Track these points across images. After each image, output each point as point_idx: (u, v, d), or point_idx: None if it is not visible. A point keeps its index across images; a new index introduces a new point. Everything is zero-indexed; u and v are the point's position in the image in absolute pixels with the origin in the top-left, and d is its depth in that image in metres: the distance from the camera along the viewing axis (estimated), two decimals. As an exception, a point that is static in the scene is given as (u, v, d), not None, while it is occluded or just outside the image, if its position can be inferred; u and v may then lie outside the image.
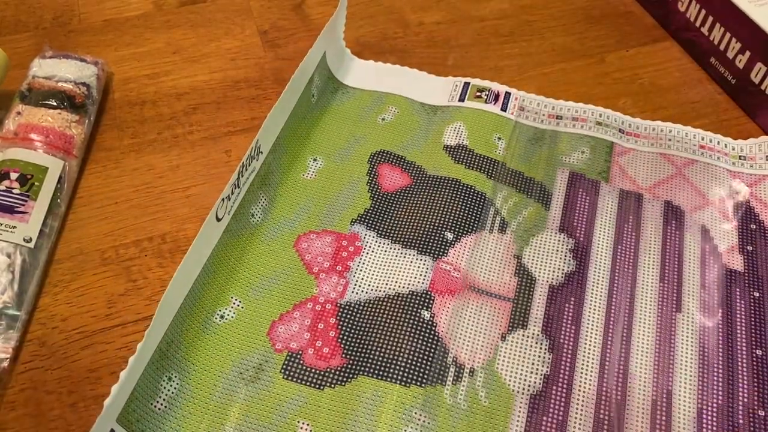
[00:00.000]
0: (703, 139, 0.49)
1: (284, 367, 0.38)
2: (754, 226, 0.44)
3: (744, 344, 0.39)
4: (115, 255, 0.43)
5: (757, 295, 0.41)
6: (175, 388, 0.36)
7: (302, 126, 0.49)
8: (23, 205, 0.42)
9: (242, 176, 0.42)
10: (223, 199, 0.40)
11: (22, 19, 0.58)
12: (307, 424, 0.36)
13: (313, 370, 0.38)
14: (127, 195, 0.46)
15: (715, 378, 0.38)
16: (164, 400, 0.36)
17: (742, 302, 0.41)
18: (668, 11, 0.57)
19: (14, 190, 0.43)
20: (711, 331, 0.40)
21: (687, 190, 0.46)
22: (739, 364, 0.38)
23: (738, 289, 0.41)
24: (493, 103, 0.50)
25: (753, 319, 0.40)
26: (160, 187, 0.47)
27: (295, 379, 0.37)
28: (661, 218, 0.44)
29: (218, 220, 0.40)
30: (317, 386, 0.37)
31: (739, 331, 0.40)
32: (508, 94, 0.51)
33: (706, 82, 0.54)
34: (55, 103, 0.47)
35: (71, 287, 0.42)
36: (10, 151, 0.44)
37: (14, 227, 0.41)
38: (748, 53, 0.50)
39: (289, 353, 0.38)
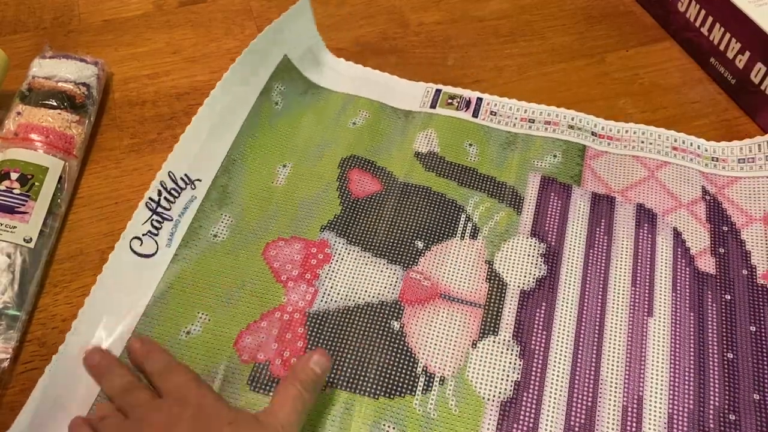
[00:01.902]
0: (675, 140, 0.49)
1: (251, 378, 0.37)
2: (726, 228, 0.44)
3: (715, 348, 0.39)
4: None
5: (729, 297, 0.41)
6: None
7: (267, 135, 0.48)
8: (23, 205, 0.42)
9: (164, 209, 0.42)
10: (139, 237, 0.40)
11: (22, 19, 0.58)
12: None
13: (279, 382, 0.36)
14: (127, 195, 0.46)
15: (687, 383, 0.38)
16: None
17: (714, 305, 0.41)
18: (668, 11, 0.57)
19: (14, 190, 0.43)
20: (682, 335, 0.40)
21: (659, 193, 0.46)
22: (711, 368, 0.38)
23: (710, 292, 0.41)
24: (464, 109, 0.50)
25: (724, 323, 0.40)
26: (160, 187, 0.47)
27: (262, 390, 0.37)
28: (633, 221, 0.44)
29: (146, 257, 0.40)
30: None
31: (710, 335, 0.40)
32: (479, 100, 0.51)
33: (706, 82, 0.54)
34: (55, 103, 0.47)
35: (71, 287, 0.42)
36: (10, 151, 0.44)
37: (14, 227, 0.41)
38: (748, 53, 0.50)
39: (256, 364, 0.38)
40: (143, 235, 0.41)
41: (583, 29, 0.58)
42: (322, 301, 0.40)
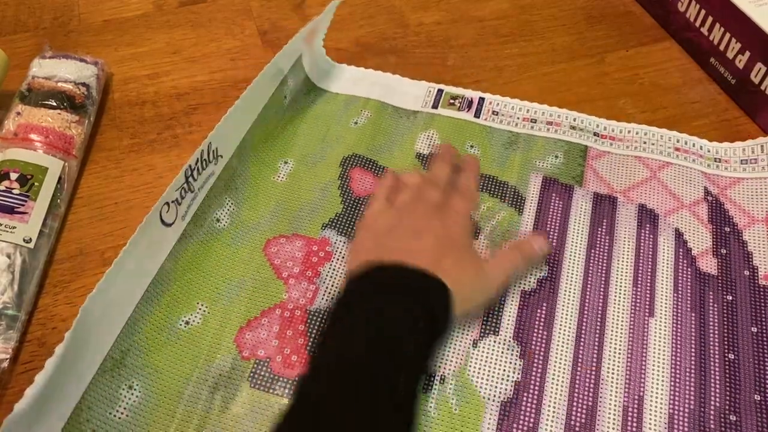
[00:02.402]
0: (678, 141, 0.49)
1: (251, 375, 0.37)
2: (728, 229, 0.44)
3: (716, 348, 0.39)
4: (115, 255, 0.43)
5: (730, 298, 0.41)
6: (137, 396, 0.36)
7: (273, 128, 0.48)
8: (23, 205, 0.42)
9: (193, 180, 0.41)
10: (168, 203, 0.39)
11: (22, 19, 0.58)
12: None
13: (281, 379, 0.37)
14: (127, 195, 0.46)
15: (687, 383, 0.38)
16: (125, 408, 0.36)
17: (715, 306, 0.41)
18: (668, 11, 0.57)
19: (14, 191, 0.43)
20: (684, 335, 0.39)
21: (661, 193, 0.46)
22: (712, 368, 0.38)
23: (711, 293, 0.41)
24: (466, 110, 0.51)
25: (726, 323, 0.40)
26: (160, 188, 0.47)
27: (262, 388, 0.37)
28: (635, 222, 0.44)
29: (167, 225, 0.39)
30: (285, 395, 0.37)
31: (711, 336, 0.40)
32: (481, 100, 0.51)
33: (706, 82, 0.54)
34: (54, 104, 0.47)
35: (71, 287, 0.42)
36: (10, 151, 0.44)
37: (14, 227, 0.41)
38: (748, 53, 0.50)
39: (257, 361, 0.38)
40: (171, 202, 0.39)
41: (583, 29, 0.58)
42: (323, 298, 0.40)
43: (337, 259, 0.42)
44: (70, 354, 0.33)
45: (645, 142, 0.48)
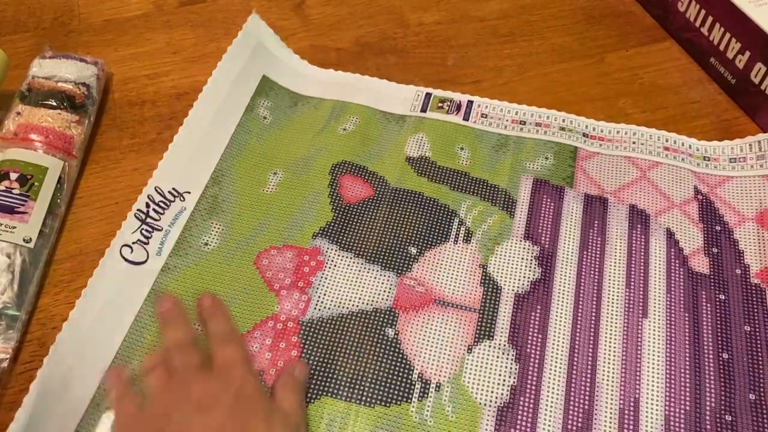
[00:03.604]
0: (667, 140, 0.49)
1: (272, 387, 0.37)
2: (719, 228, 0.44)
3: (710, 348, 0.39)
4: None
5: (723, 297, 0.41)
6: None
7: (257, 147, 0.48)
8: (23, 205, 0.42)
9: (154, 220, 0.43)
10: (130, 246, 0.41)
11: (22, 19, 0.58)
12: None
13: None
14: (127, 195, 0.46)
15: (682, 384, 0.38)
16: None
17: (708, 305, 0.41)
18: (668, 11, 0.57)
19: (14, 190, 0.43)
20: (677, 336, 0.40)
21: (652, 193, 0.46)
22: (706, 368, 0.38)
23: (704, 292, 0.41)
24: (455, 113, 0.50)
25: (719, 323, 0.40)
26: (160, 187, 0.47)
27: None
28: (626, 222, 0.44)
29: (138, 264, 0.41)
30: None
31: (705, 335, 0.40)
32: (470, 103, 0.51)
33: (706, 82, 0.54)
34: (54, 104, 0.47)
35: (71, 287, 0.42)
36: (10, 151, 0.44)
37: (14, 227, 0.41)
38: (748, 53, 0.50)
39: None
40: (133, 243, 0.42)
41: (583, 29, 0.58)
42: (315, 308, 0.40)
43: (329, 268, 0.42)
44: (49, 387, 0.36)
45: (634, 143, 0.48)
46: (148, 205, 0.43)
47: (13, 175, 0.43)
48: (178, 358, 0.35)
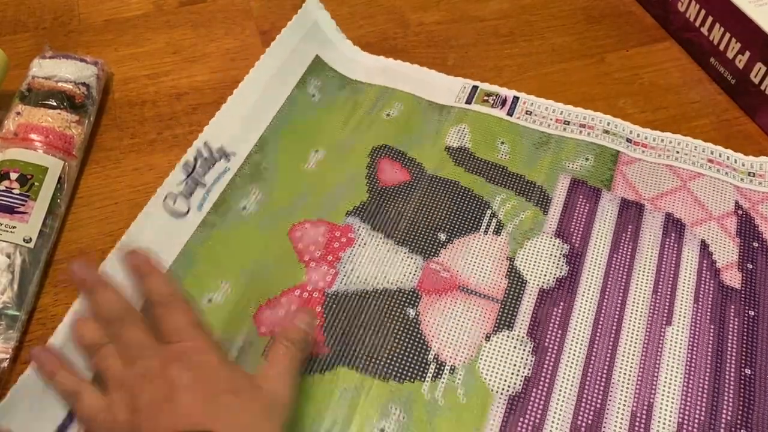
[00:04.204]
0: (712, 153, 0.48)
1: (267, 350, 0.38)
2: (757, 244, 0.44)
3: (733, 362, 0.39)
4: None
5: (753, 313, 0.41)
6: None
7: (302, 123, 0.49)
8: (23, 205, 0.42)
9: (199, 176, 0.44)
10: (175, 196, 0.42)
11: (22, 19, 0.58)
12: None
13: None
14: (127, 195, 0.46)
15: (700, 394, 0.38)
16: None
17: (736, 320, 0.40)
18: (668, 11, 0.57)
19: (14, 190, 0.43)
20: (700, 346, 0.39)
21: (690, 204, 0.45)
22: (726, 381, 0.38)
23: (733, 306, 0.41)
24: (499, 107, 0.51)
25: (745, 338, 0.40)
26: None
27: None
28: (660, 230, 0.44)
29: (180, 216, 0.42)
30: (299, 371, 0.37)
31: (729, 349, 0.39)
32: (516, 99, 0.51)
33: (706, 82, 0.54)
34: (54, 103, 0.47)
35: (71, 287, 0.42)
36: (10, 151, 0.44)
37: (14, 227, 0.41)
38: (748, 53, 0.50)
39: (273, 338, 0.39)
40: (178, 194, 0.43)
41: (583, 29, 0.58)
42: (341, 282, 0.41)
43: (359, 246, 0.43)
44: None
45: (678, 152, 0.48)
46: (195, 160, 0.44)
47: (13, 175, 0.43)
48: (121, 333, 0.33)
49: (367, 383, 0.37)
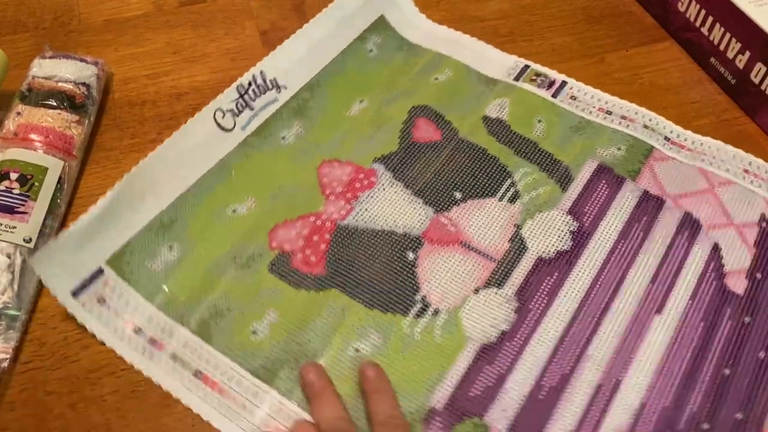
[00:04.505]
0: (750, 164, 0.48)
1: (273, 262, 0.42)
2: None
3: (714, 360, 0.39)
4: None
5: (748, 320, 0.41)
6: (174, 256, 0.42)
7: (354, 74, 0.52)
8: (23, 205, 0.42)
9: (251, 99, 0.48)
10: (223, 111, 0.46)
11: (22, 19, 0.58)
12: (275, 313, 0.40)
13: (295, 272, 0.42)
14: (127, 195, 0.46)
15: (671, 381, 0.38)
16: (162, 263, 0.41)
17: (729, 322, 0.40)
18: (668, 11, 0.57)
19: (14, 190, 0.43)
20: (684, 339, 0.40)
21: (713, 207, 0.45)
22: (702, 376, 0.38)
23: (729, 309, 0.41)
24: (546, 88, 0.52)
25: (734, 341, 0.40)
26: (160, 187, 0.47)
27: (277, 275, 0.42)
28: (675, 226, 0.44)
29: (225, 130, 0.46)
30: (295, 286, 0.41)
31: (713, 347, 0.39)
32: (564, 83, 0.52)
33: (706, 82, 0.54)
34: (55, 104, 0.47)
35: (71, 287, 0.42)
36: (10, 151, 0.44)
37: (14, 227, 0.41)
38: (748, 53, 0.50)
39: (281, 252, 0.43)
40: (227, 110, 0.47)
41: (583, 29, 0.58)
42: (353, 217, 0.44)
43: (378, 190, 0.46)
44: (126, 195, 0.41)
45: (714, 158, 0.48)
46: (249, 84, 0.48)
47: (13, 175, 0.43)
48: None
49: (353, 307, 0.40)
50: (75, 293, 0.39)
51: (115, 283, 0.40)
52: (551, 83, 0.52)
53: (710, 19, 0.53)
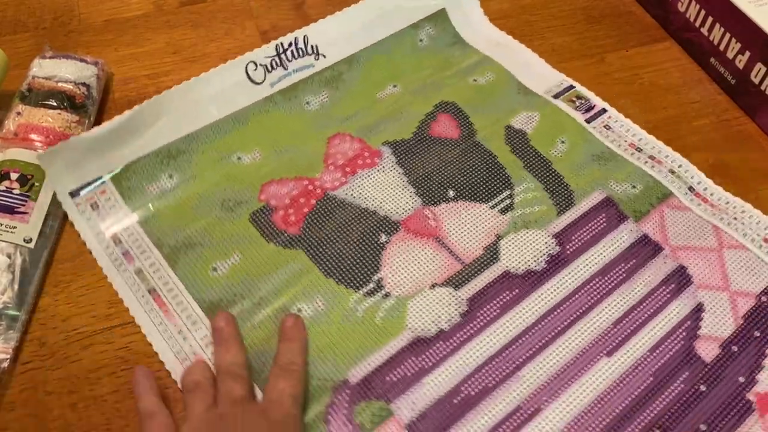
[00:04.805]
0: None
1: (255, 212, 0.44)
2: (758, 334, 0.40)
3: (649, 418, 0.37)
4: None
5: (703, 389, 0.38)
6: (172, 184, 0.45)
7: (398, 60, 0.53)
8: (23, 205, 0.42)
9: (287, 60, 0.49)
10: (256, 64, 0.49)
11: (22, 19, 0.58)
12: (240, 257, 0.42)
13: (272, 226, 0.43)
14: (127, 195, 0.46)
15: (596, 425, 0.36)
16: (158, 188, 0.45)
17: (682, 386, 0.38)
18: (668, 11, 0.57)
19: (14, 191, 0.43)
20: (625, 389, 0.37)
21: (712, 268, 0.42)
22: (630, 428, 0.36)
23: (687, 373, 0.38)
24: (582, 111, 0.50)
25: (679, 406, 0.37)
26: (160, 187, 0.47)
27: (255, 224, 0.44)
28: (662, 276, 0.42)
29: (254, 83, 0.49)
30: (267, 238, 0.43)
31: (654, 406, 0.37)
32: (603, 111, 0.50)
33: (706, 82, 0.54)
34: (55, 104, 0.47)
35: (71, 287, 0.42)
36: (10, 151, 0.44)
37: (14, 227, 0.41)
38: (748, 53, 0.50)
39: (265, 205, 0.45)
40: (260, 64, 0.49)
41: (583, 29, 0.58)
42: (344, 190, 0.45)
43: (377, 171, 0.46)
44: (142, 118, 0.45)
45: (735, 219, 0.45)
46: (290, 45, 0.50)
47: (14, 175, 0.43)
48: (223, 385, 0.35)
49: (312, 271, 0.42)
50: (73, 194, 0.43)
51: (110, 194, 0.44)
52: (590, 107, 0.50)
53: (710, 19, 0.53)
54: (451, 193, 0.45)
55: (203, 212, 0.44)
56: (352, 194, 0.45)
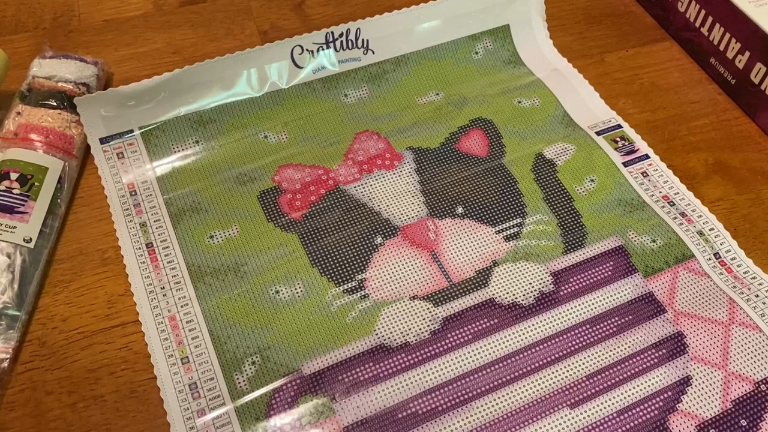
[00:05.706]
0: None
1: (264, 191, 0.45)
2: (745, 423, 0.37)
3: None
4: (115, 255, 0.43)
5: None
6: (195, 150, 0.47)
7: (448, 68, 0.53)
8: (23, 205, 0.42)
9: (335, 50, 0.50)
10: (303, 48, 0.49)
11: (22, 19, 0.58)
12: (237, 230, 0.43)
13: (276, 207, 0.44)
14: (127, 195, 0.46)
15: None
16: (182, 150, 0.47)
17: None
18: (668, 11, 0.57)
19: (14, 190, 0.43)
20: None
21: (714, 342, 0.39)
22: None
23: None
24: (623, 153, 0.48)
25: None
26: (160, 187, 0.47)
27: (261, 202, 0.45)
28: (656, 339, 0.39)
29: (297, 66, 0.49)
30: (268, 217, 0.44)
31: None
32: (645, 156, 0.48)
33: (706, 82, 0.54)
34: (55, 104, 0.47)
35: (71, 287, 0.42)
36: (10, 151, 0.44)
37: (14, 227, 0.41)
38: (748, 53, 0.50)
39: (276, 186, 0.45)
40: (306, 49, 0.49)
41: (583, 29, 0.58)
42: (355, 187, 0.46)
43: (393, 175, 0.46)
44: (183, 80, 0.47)
45: (758, 296, 0.41)
46: (341, 35, 0.50)
47: (14, 175, 0.43)
48: None
49: (300, 258, 0.42)
50: (102, 140, 0.46)
51: (137, 147, 0.46)
52: (632, 151, 0.48)
53: (710, 19, 0.53)
54: (460, 209, 0.44)
55: (217, 180, 0.45)
56: (362, 192, 0.45)
